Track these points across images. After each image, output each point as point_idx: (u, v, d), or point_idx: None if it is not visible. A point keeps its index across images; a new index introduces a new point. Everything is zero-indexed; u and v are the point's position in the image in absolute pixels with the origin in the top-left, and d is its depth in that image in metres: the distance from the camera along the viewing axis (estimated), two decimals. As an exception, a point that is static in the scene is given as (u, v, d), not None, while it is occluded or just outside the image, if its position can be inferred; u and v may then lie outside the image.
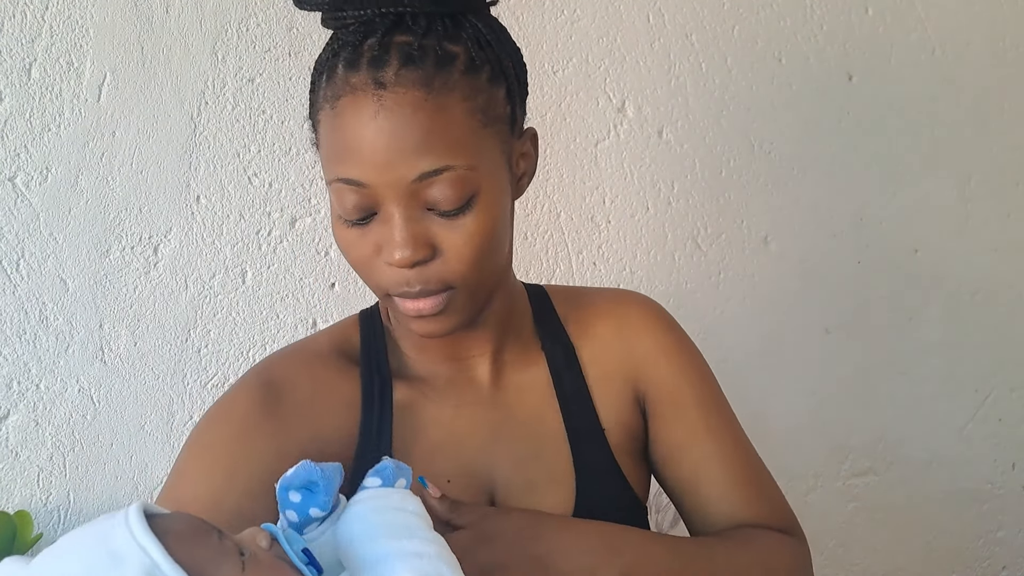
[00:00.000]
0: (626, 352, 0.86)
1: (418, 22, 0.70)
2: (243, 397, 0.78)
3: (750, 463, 0.86)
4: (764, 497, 0.85)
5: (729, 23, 1.51)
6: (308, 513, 0.63)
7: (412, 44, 0.68)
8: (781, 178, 1.57)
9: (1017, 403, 1.78)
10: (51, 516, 1.19)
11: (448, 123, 0.68)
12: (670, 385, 0.86)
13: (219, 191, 1.24)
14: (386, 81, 0.67)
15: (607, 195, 1.45)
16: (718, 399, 0.88)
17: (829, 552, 1.66)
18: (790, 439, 1.61)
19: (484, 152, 0.71)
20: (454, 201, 0.69)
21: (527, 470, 0.82)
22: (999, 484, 1.78)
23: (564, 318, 0.88)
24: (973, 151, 1.70)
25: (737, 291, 1.55)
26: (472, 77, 0.70)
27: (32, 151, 1.15)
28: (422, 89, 0.67)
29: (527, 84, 0.80)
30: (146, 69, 1.20)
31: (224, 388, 1.25)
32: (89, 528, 0.55)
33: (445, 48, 0.69)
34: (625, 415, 0.85)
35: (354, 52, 0.70)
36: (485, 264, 0.73)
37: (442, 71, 0.68)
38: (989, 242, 1.73)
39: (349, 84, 0.69)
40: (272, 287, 1.27)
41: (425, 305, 0.72)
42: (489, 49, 0.73)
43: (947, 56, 1.66)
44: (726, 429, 0.86)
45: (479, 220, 0.70)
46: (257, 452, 0.74)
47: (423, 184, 0.68)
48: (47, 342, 1.18)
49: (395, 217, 0.69)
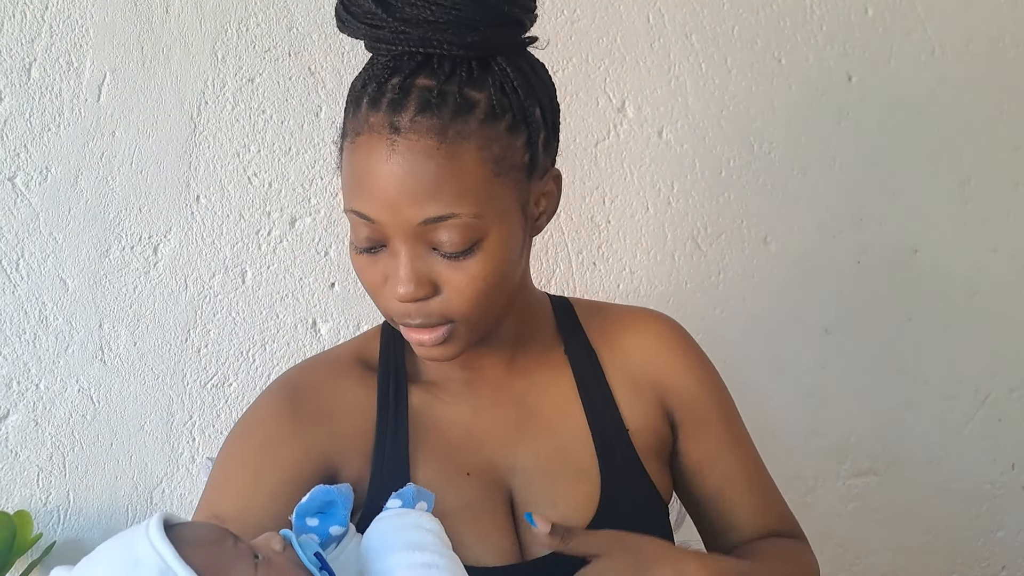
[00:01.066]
0: (650, 364, 0.89)
1: (443, 65, 0.70)
2: (266, 407, 0.83)
3: (765, 475, 0.92)
4: (779, 506, 0.92)
5: (729, 23, 1.51)
6: (328, 533, 0.69)
7: (432, 89, 0.69)
8: (781, 178, 1.57)
9: (1017, 403, 1.78)
10: (51, 516, 1.19)
11: (458, 172, 0.69)
12: (698, 401, 0.89)
13: (219, 191, 1.24)
14: (401, 126, 0.69)
15: (607, 195, 1.45)
16: (737, 414, 0.93)
17: (829, 552, 1.65)
18: (790, 439, 1.61)
19: (494, 200, 0.72)
20: (458, 245, 0.71)
21: (550, 465, 0.83)
22: (999, 484, 1.78)
23: (587, 327, 0.90)
24: (973, 151, 1.70)
25: (737, 291, 1.55)
26: (490, 126, 0.71)
27: (32, 151, 1.15)
28: (435, 137, 0.69)
29: (558, 124, 0.81)
30: (146, 69, 1.20)
31: (224, 388, 1.26)
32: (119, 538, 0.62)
33: (465, 95, 0.70)
34: (651, 421, 0.87)
35: (378, 90, 0.71)
36: (488, 302, 0.74)
37: (458, 119, 0.69)
38: (989, 242, 1.73)
39: (368, 123, 0.71)
40: (272, 287, 1.27)
41: (426, 336, 0.75)
42: (514, 96, 0.73)
43: (947, 56, 1.66)
44: (746, 443, 0.92)
45: (483, 263, 0.72)
46: (281, 458, 0.79)
47: (428, 228, 0.70)
48: (47, 342, 1.18)
49: (401, 254, 0.72)
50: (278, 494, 0.76)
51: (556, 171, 0.80)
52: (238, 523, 0.70)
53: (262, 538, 0.65)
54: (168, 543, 0.59)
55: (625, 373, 0.88)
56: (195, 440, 1.24)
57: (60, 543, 1.19)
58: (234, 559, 0.61)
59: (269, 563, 0.62)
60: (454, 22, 0.69)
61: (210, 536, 0.63)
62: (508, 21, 0.73)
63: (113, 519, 1.22)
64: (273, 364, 1.27)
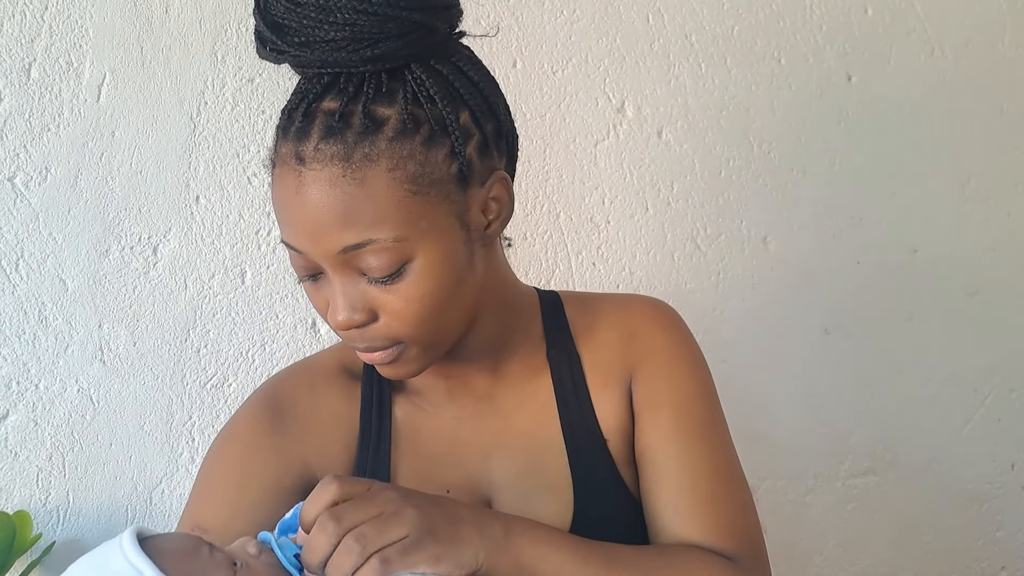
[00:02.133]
0: (624, 354, 0.85)
1: (349, 84, 0.68)
2: (248, 416, 0.83)
3: (718, 476, 0.79)
4: (722, 515, 0.78)
5: (728, 23, 1.51)
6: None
7: (334, 113, 0.67)
8: (781, 178, 1.57)
9: (1016, 403, 1.78)
10: (50, 516, 1.19)
11: (370, 196, 0.67)
12: (652, 383, 0.83)
13: (219, 191, 1.24)
14: (306, 156, 0.67)
15: (606, 195, 1.45)
16: (700, 403, 0.83)
17: (829, 552, 1.66)
18: (790, 439, 1.61)
19: (417, 219, 0.68)
20: (384, 270, 0.68)
21: (524, 480, 0.81)
22: (998, 484, 1.78)
23: (574, 325, 0.86)
24: (972, 151, 1.70)
25: (737, 291, 1.55)
26: (402, 142, 0.67)
27: (31, 151, 1.15)
28: (340, 164, 0.66)
29: (503, 125, 0.75)
30: (145, 69, 1.20)
31: (224, 388, 1.26)
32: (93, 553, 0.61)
33: (372, 113, 0.67)
34: (624, 422, 0.83)
35: (288, 119, 0.70)
36: (434, 321, 0.72)
37: (364, 141, 0.66)
38: (989, 242, 1.73)
39: (279, 154, 0.70)
40: (271, 287, 1.27)
41: (374, 357, 0.73)
42: (430, 105, 0.69)
43: (947, 56, 1.66)
44: (698, 435, 0.80)
45: (417, 285, 0.69)
46: (262, 468, 0.78)
47: (351, 255, 0.68)
48: (46, 342, 1.18)
49: (335, 283, 0.70)
50: (260, 504, 0.76)
51: (501, 174, 0.74)
52: (221, 533, 0.70)
53: (237, 543, 0.64)
54: (144, 555, 0.58)
55: (603, 371, 0.84)
56: (195, 440, 1.24)
57: (59, 543, 1.19)
58: (211, 568, 0.60)
59: (248, 569, 0.61)
60: (350, 38, 0.66)
61: (185, 546, 0.62)
62: (412, 28, 0.68)
63: (113, 519, 1.22)
64: (273, 364, 1.27)
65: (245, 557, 0.62)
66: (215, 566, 0.61)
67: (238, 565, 0.61)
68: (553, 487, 0.81)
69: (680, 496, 0.78)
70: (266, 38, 0.69)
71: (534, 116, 1.40)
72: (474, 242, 0.73)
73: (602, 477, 0.81)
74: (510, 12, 1.38)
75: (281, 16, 0.67)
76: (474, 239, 0.73)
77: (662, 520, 0.78)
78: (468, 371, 0.83)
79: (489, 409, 0.84)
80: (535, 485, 0.81)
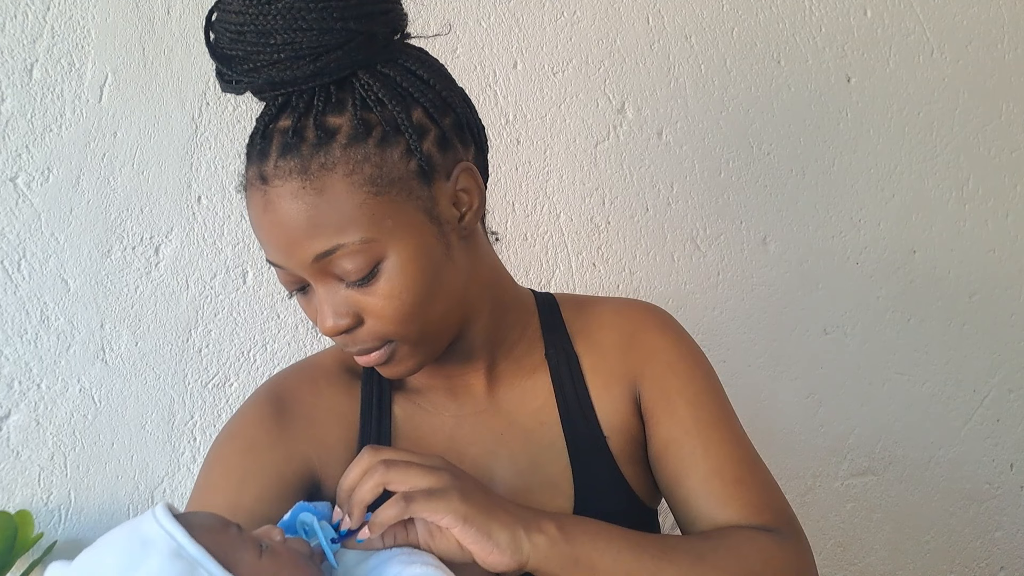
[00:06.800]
0: (624, 355, 0.86)
1: (300, 101, 0.70)
2: (250, 413, 0.84)
3: (742, 460, 0.82)
4: (753, 494, 0.80)
5: (728, 25, 1.52)
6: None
7: (288, 131, 0.70)
8: (780, 179, 1.57)
9: (1015, 403, 1.79)
10: (52, 516, 1.19)
11: (331, 203, 0.69)
12: (661, 382, 0.85)
13: (220, 191, 1.24)
14: (267, 175, 0.70)
15: (607, 196, 1.46)
16: (711, 395, 0.85)
17: (828, 552, 1.66)
18: (789, 439, 1.61)
19: (382, 219, 0.70)
20: (358, 272, 0.71)
21: (526, 478, 0.82)
22: (997, 484, 1.78)
23: (571, 327, 0.88)
24: (971, 152, 1.71)
25: (736, 291, 1.56)
26: (356, 147, 0.70)
27: (34, 151, 1.16)
28: (298, 177, 0.69)
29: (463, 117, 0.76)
30: (147, 70, 1.20)
31: (225, 388, 1.26)
32: (122, 526, 0.63)
33: (324, 124, 0.70)
34: (626, 421, 0.85)
35: (251, 143, 0.73)
36: (418, 316, 0.74)
37: (319, 152, 0.69)
38: (987, 243, 1.73)
39: (247, 177, 0.73)
40: (273, 287, 1.27)
41: (369, 359, 0.76)
42: (379, 108, 0.71)
43: (946, 57, 1.66)
44: (716, 425, 0.83)
45: (393, 282, 0.72)
46: (264, 462, 0.80)
47: (324, 263, 0.71)
48: (48, 342, 1.18)
49: (318, 292, 0.73)
50: (262, 499, 0.77)
51: (465, 165, 0.75)
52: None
53: (262, 530, 0.66)
54: (178, 524, 0.60)
55: (603, 372, 0.86)
56: (196, 440, 1.25)
57: (61, 543, 1.19)
58: (239, 545, 0.62)
59: (274, 552, 0.63)
60: (292, 57, 0.68)
61: (215, 523, 0.64)
62: (350, 38, 0.70)
63: (114, 519, 1.22)
64: (274, 364, 1.27)
65: (271, 542, 0.64)
66: (243, 544, 0.62)
67: (264, 547, 0.63)
68: (554, 485, 0.82)
69: (710, 483, 0.80)
70: (221, 71, 0.71)
71: (534, 117, 1.40)
72: (449, 235, 0.75)
73: (603, 475, 0.83)
74: (510, 13, 1.38)
75: (228, 48, 0.70)
76: (448, 232, 0.75)
77: (696, 509, 0.80)
78: (466, 370, 0.85)
79: (489, 408, 0.85)
80: (536, 483, 0.82)
